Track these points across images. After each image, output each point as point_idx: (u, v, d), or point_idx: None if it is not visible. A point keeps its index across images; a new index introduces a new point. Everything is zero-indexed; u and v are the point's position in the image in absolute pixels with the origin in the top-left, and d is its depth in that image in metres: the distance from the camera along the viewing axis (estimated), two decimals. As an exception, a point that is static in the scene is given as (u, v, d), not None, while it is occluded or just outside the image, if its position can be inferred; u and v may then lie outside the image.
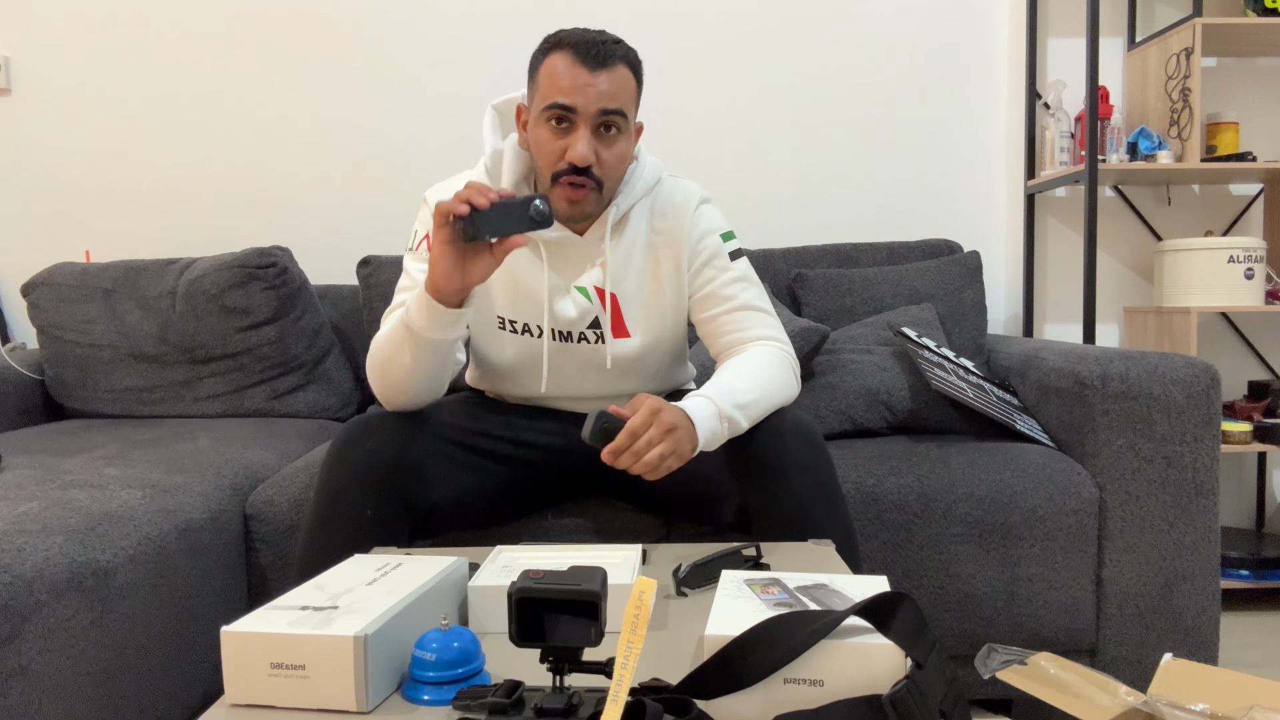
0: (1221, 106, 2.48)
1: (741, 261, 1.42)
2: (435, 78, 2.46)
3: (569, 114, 1.25)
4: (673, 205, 1.40)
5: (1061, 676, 0.67)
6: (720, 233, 1.42)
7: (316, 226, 2.49)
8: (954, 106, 2.50)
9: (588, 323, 1.39)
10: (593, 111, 1.25)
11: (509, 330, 1.41)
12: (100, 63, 2.44)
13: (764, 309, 1.40)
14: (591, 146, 1.26)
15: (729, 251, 1.41)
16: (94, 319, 2.07)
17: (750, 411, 1.25)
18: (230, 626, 0.74)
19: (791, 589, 0.83)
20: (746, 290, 1.40)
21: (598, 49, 1.25)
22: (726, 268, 1.40)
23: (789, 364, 1.35)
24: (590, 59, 1.24)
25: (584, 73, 1.24)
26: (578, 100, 1.24)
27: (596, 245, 1.37)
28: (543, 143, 1.28)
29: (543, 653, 0.66)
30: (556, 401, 1.48)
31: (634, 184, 1.38)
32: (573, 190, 1.28)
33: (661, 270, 1.40)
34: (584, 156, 1.25)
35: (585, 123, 1.25)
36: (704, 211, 1.42)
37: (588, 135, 1.26)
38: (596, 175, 1.28)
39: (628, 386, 1.46)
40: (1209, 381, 1.56)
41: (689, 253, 1.40)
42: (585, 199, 1.29)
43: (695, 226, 1.40)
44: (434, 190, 1.41)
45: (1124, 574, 1.57)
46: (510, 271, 1.38)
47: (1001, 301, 2.55)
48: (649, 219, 1.40)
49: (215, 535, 1.43)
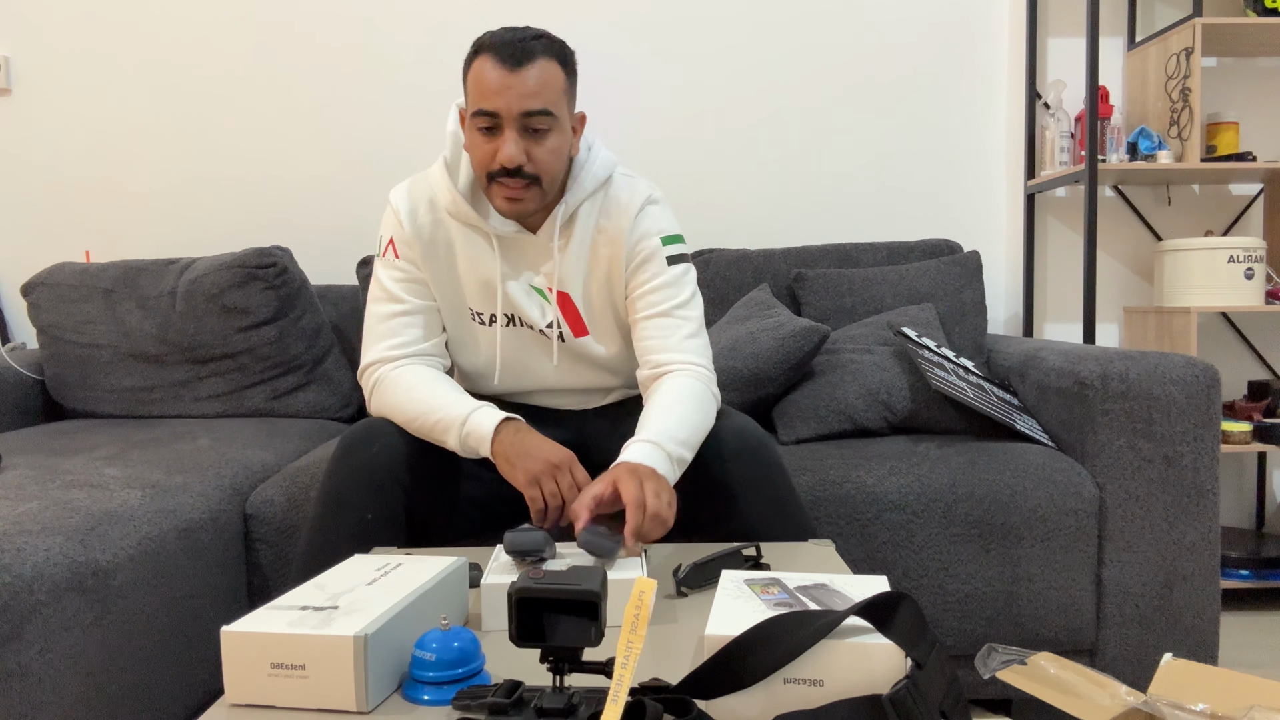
0: (1221, 106, 2.48)
1: (680, 267, 1.39)
2: (435, 77, 2.46)
3: (494, 118, 1.25)
4: (618, 204, 1.39)
5: (1061, 676, 0.67)
6: (662, 235, 1.39)
7: (316, 226, 2.49)
8: (954, 106, 2.50)
9: (546, 321, 1.40)
10: (515, 113, 1.24)
11: (479, 322, 1.42)
12: (100, 63, 2.44)
13: (690, 318, 1.37)
14: (520, 147, 1.25)
15: (669, 255, 1.38)
16: (94, 319, 2.07)
17: (690, 444, 1.24)
18: (230, 626, 0.74)
19: (791, 589, 0.83)
20: (674, 298, 1.37)
21: (516, 48, 1.23)
22: (660, 271, 1.37)
23: (709, 391, 1.32)
24: (509, 59, 1.23)
25: (504, 74, 1.23)
26: (499, 104, 1.23)
27: (546, 243, 1.37)
28: (474, 147, 1.29)
29: (543, 653, 0.66)
30: (531, 397, 1.49)
31: (582, 180, 1.36)
32: (509, 190, 1.28)
33: (603, 270, 1.39)
34: (511, 158, 1.24)
35: (510, 124, 1.24)
36: (649, 212, 1.40)
37: (515, 136, 1.25)
38: (530, 173, 1.27)
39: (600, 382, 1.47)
40: (1209, 381, 1.56)
41: (627, 253, 1.38)
42: (524, 197, 1.28)
43: (636, 228, 1.38)
44: (396, 191, 1.40)
45: (1124, 574, 1.57)
46: (473, 264, 1.38)
47: (1001, 301, 2.55)
48: (596, 217, 1.39)
49: (215, 535, 1.43)
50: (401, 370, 1.34)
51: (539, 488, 1.21)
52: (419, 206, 1.38)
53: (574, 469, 1.24)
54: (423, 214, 1.38)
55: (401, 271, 1.38)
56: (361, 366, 1.39)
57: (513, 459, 1.23)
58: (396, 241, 1.38)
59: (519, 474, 1.22)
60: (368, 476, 1.24)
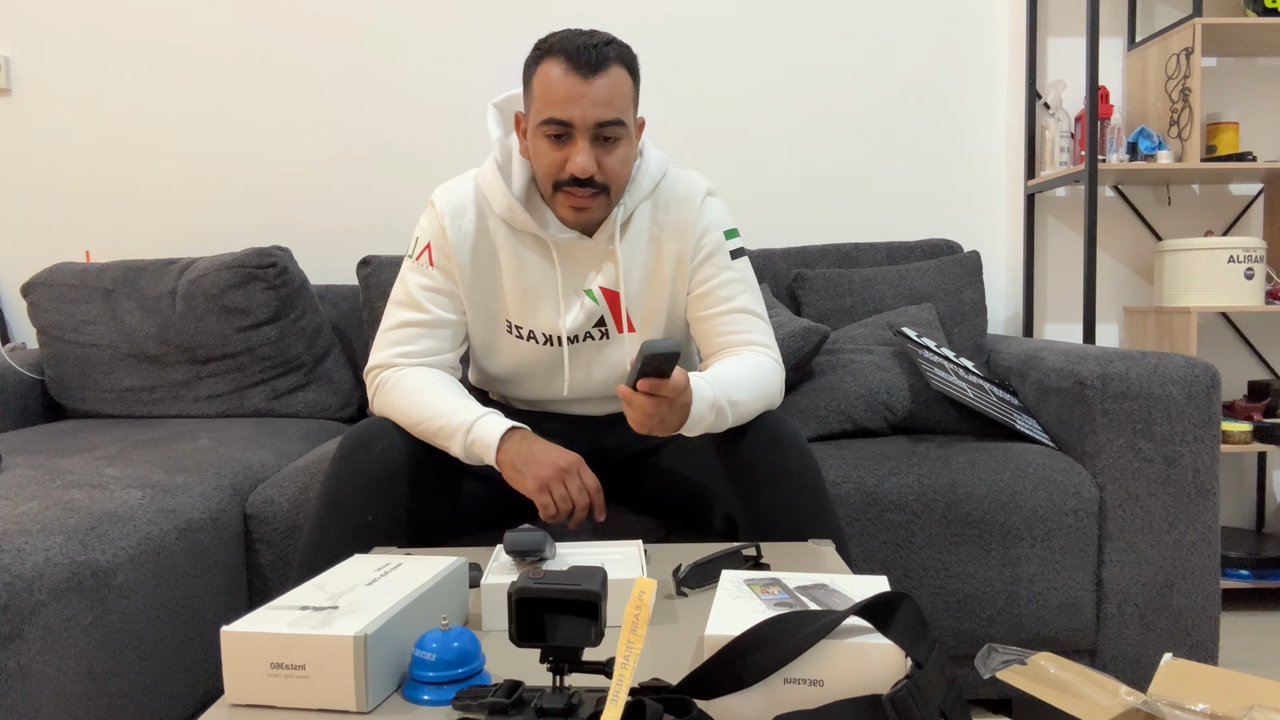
0: (1221, 106, 2.48)
1: (742, 261, 1.39)
2: (435, 77, 2.46)
3: (565, 126, 1.22)
4: (677, 197, 1.37)
5: (1061, 676, 0.67)
6: (724, 229, 1.39)
7: (316, 226, 2.49)
8: (954, 106, 2.50)
9: (594, 322, 1.38)
10: (590, 123, 1.22)
11: (515, 335, 1.40)
12: (100, 63, 2.44)
13: (759, 314, 1.38)
14: (592, 157, 1.23)
15: (730, 250, 1.38)
16: (94, 319, 2.07)
17: (738, 410, 1.24)
18: (230, 626, 0.74)
19: (791, 589, 0.83)
20: (744, 293, 1.38)
21: (589, 54, 1.20)
22: (726, 266, 1.37)
23: (780, 376, 1.34)
24: (583, 66, 1.20)
25: (577, 81, 1.20)
26: (573, 113, 1.21)
27: (605, 246, 1.35)
28: (542, 155, 1.26)
29: (543, 653, 0.66)
30: (559, 404, 1.47)
31: (640, 181, 1.35)
32: (577, 199, 1.26)
33: (664, 264, 1.38)
34: (584, 168, 1.22)
35: (583, 135, 1.22)
36: (710, 204, 1.39)
37: (587, 146, 1.23)
38: (600, 183, 1.25)
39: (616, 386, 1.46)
40: (1209, 381, 1.56)
41: (693, 246, 1.37)
42: (592, 206, 1.27)
43: (700, 220, 1.37)
44: (441, 192, 1.38)
45: (1124, 574, 1.57)
46: (519, 276, 1.36)
47: (1001, 301, 2.55)
48: (652, 212, 1.37)
49: (215, 535, 1.43)
50: (406, 373, 1.33)
51: (549, 493, 1.21)
52: (465, 211, 1.35)
53: (582, 471, 1.24)
54: (468, 220, 1.35)
55: (431, 280, 1.35)
56: (368, 366, 1.38)
57: (520, 467, 1.22)
58: (434, 248, 1.35)
59: (528, 481, 1.21)
60: (370, 478, 1.24)
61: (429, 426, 1.27)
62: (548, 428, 1.43)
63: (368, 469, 1.25)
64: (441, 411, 1.27)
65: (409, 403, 1.30)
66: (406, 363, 1.35)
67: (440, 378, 1.34)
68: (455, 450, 1.26)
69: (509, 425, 1.25)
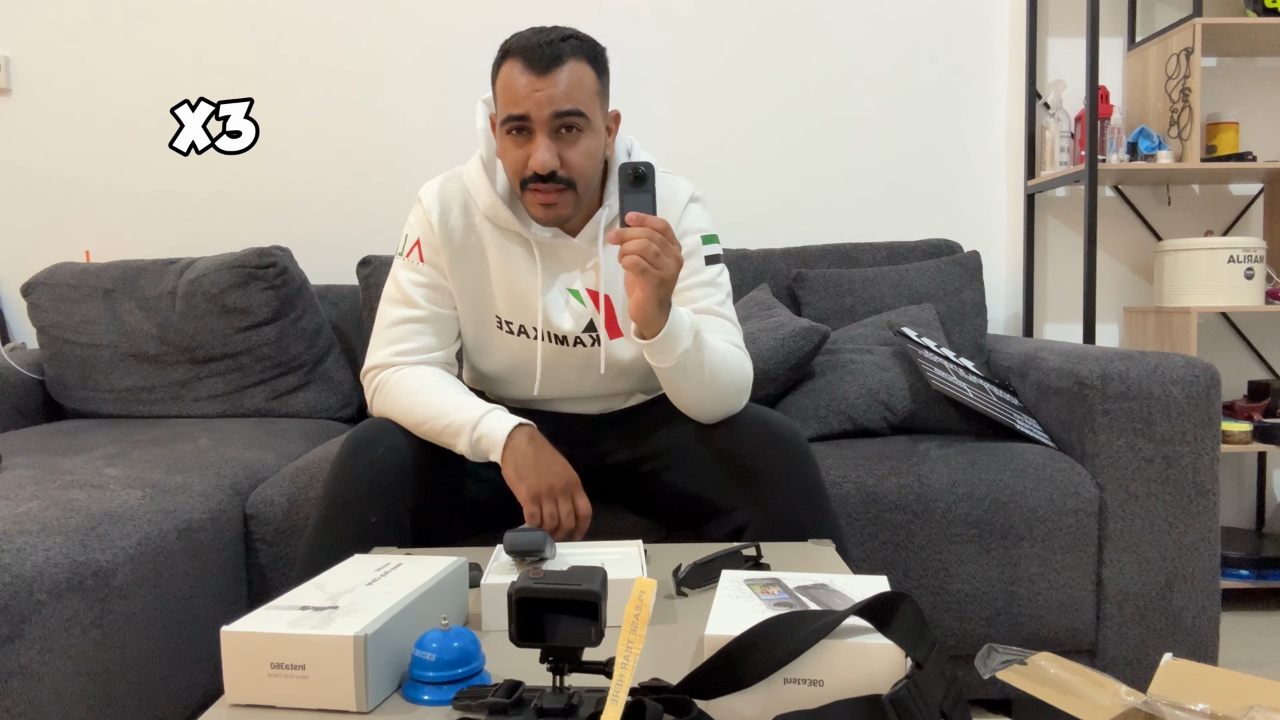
0: (1221, 106, 2.48)
1: (716, 267, 1.39)
2: (433, 77, 2.46)
3: (525, 123, 1.23)
4: (661, 202, 1.37)
5: (1061, 676, 0.67)
6: (702, 234, 1.39)
7: (316, 226, 2.49)
8: (954, 106, 2.50)
9: (583, 326, 1.38)
10: (546, 117, 1.22)
11: (505, 330, 1.40)
12: (100, 63, 2.44)
13: (730, 318, 1.38)
14: (552, 151, 1.23)
15: (706, 255, 1.39)
16: (94, 319, 2.07)
17: (711, 357, 1.25)
18: (230, 626, 0.74)
19: (791, 589, 0.83)
20: (714, 296, 1.37)
21: (543, 51, 1.21)
22: (699, 269, 1.37)
23: (749, 367, 1.33)
24: (538, 63, 1.21)
25: (533, 78, 1.21)
26: (529, 108, 1.22)
27: (589, 247, 1.36)
28: (506, 153, 1.28)
29: (543, 653, 0.66)
30: (551, 404, 1.48)
31: None
32: (544, 195, 1.26)
33: None
34: (544, 164, 1.23)
35: (541, 129, 1.23)
36: (691, 210, 1.40)
37: (547, 141, 1.23)
38: (564, 177, 1.26)
39: (623, 386, 1.46)
40: (1209, 381, 1.56)
41: None
42: (559, 202, 1.27)
43: (680, 223, 1.38)
44: (428, 189, 1.38)
45: (1124, 574, 1.57)
46: (506, 272, 1.37)
47: (1001, 301, 2.55)
48: None
49: (215, 535, 1.43)
50: (406, 372, 1.33)
51: (539, 506, 1.22)
52: (452, 207, 1.36)
53: (576, 496, 1.25)
54: (455, 216, 1.36)
55: (423, 275, 1.36)
56: (365, 367, 1.38)
57: (521, 470, 1.23)
58: (423, 244, 1.36)
59: (523, 488, 1.22)
60: (372, 479, 1.24)
61: (433, 425, 1.27)
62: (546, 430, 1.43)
63: (371, 470, 1.24)
64: (446, 410, 1.27)
65: (411, 402, 1.30)
66: (405, 361, 1.35)
67: (441, 376, 1.34)
68: (461, 447, 1.26)
69: (516, 422, 1.26)
